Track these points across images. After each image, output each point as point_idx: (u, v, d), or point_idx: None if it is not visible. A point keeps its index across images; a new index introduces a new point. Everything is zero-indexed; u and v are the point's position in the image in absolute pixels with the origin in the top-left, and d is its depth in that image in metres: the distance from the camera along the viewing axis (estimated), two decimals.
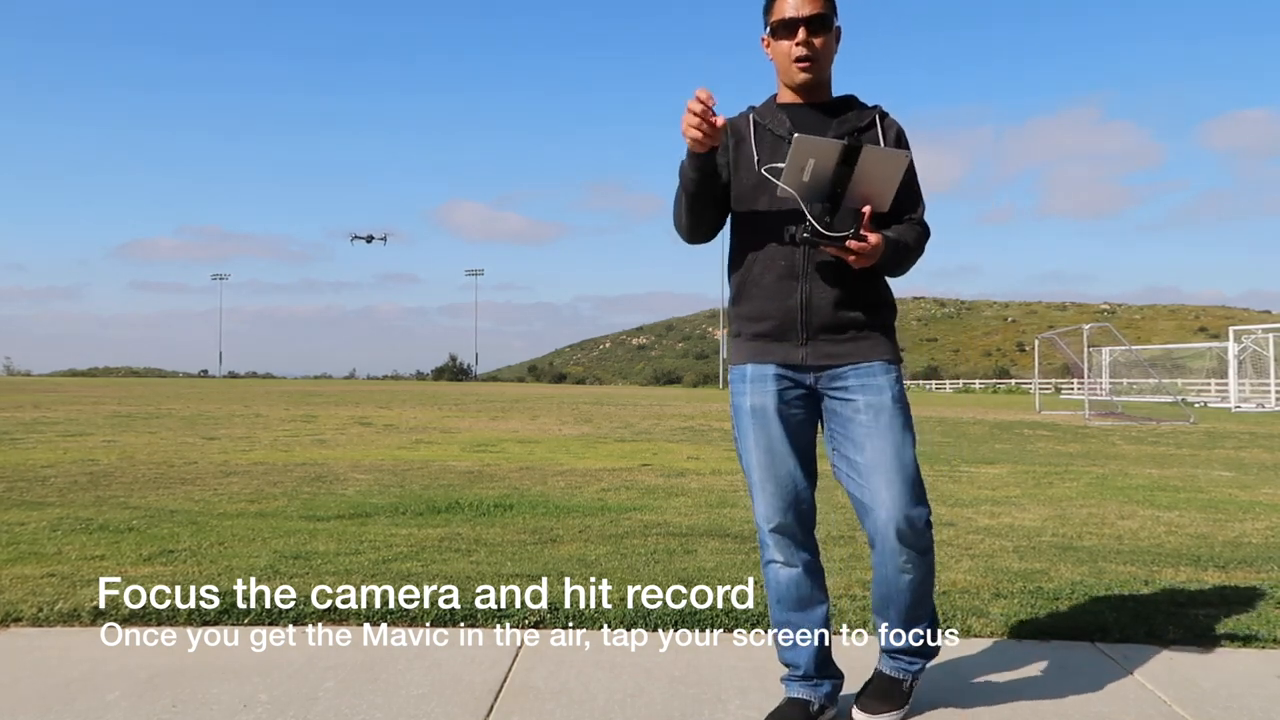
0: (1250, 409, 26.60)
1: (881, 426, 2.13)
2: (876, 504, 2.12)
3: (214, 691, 2.38)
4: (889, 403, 2.14)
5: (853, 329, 2.16)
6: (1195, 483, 7.45)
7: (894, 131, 2.22)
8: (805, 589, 2.25)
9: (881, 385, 2.15)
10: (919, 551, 2.13)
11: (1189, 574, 3.75)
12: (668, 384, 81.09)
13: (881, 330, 2.21)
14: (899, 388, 2.19)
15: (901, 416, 2.16)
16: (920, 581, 2.17)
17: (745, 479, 2.29)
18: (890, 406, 2.14)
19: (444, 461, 8.50)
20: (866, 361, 2.16)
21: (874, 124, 2.21)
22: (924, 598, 2.21)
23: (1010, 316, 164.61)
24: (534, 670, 2.57)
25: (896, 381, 2.19)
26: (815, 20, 2.14)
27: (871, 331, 2.19)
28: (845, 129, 2.17)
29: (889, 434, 2.12)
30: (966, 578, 3.57)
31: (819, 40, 2.16)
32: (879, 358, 2.17)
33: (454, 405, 22.61)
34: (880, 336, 2.20)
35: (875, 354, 2.17)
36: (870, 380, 2.15)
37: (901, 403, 2.17)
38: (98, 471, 7.29)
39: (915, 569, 2.14)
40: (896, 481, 2.10)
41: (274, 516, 5.10)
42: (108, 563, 3.75)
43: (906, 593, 2.17)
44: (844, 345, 2.16)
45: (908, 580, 2.15)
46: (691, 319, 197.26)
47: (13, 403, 20.18)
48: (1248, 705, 2.37)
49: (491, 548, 4.18)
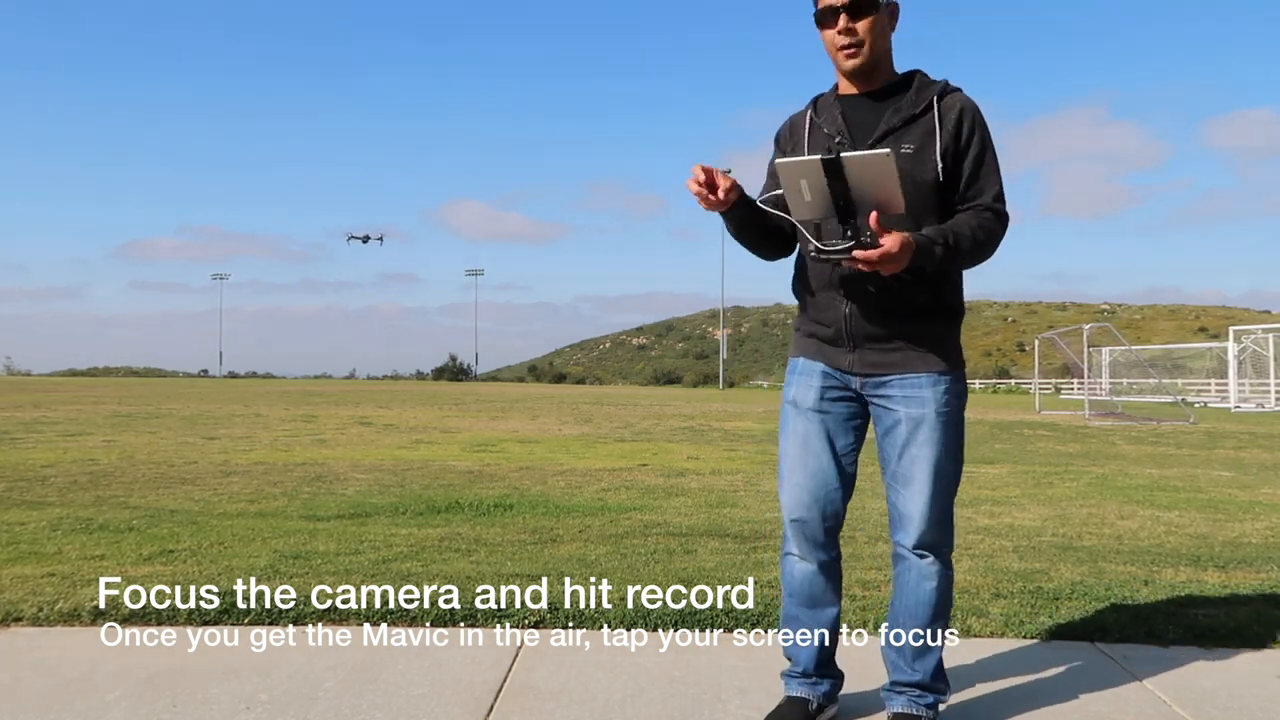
0: (1250, 409, 26.61)
1: (920, 440, 2.08)
2: (902, 517, 2.12)
3: (214, 691, 2.38)
4: (931, 416, 2.07)
5: (900, 339, 2.09)
6: (1195, 483, 7.45)
7: (955, 113, 2.06)
8: (818, 588, 2.22)
9: (925, 398, 2.07)
10: (939, 571, 2.12)
11: (1189, 574, 3.75)
12: (668, 384, 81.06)
13: (933, 339, 2.10)
14: (948, 400, 2.09)
15: (942, 431, 2.07)
16: (933, 601, 2.12)
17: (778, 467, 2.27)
18: (931, 420, 2.07)
19: (444, 461, 8.50)
20: (914, 373, 2.09)
21: (930, 107, 2.07)
22: (934, 620, 2.14)
23: (1010, 316, 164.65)
24: (534, 670, 2.57)
25: (946, 394, 2.09)
26: (854, 4, 2.04)
27: (922, 341, 2.09)
28: (900, 118, 2.07)
29: (926, 448, 2.07)
30: (966, 578, 3.57)
31: (862, 24, 2.06)
32: (927, 370, 2.08)
33: (454, 405, 22.61)
34: (931, 346, 2.09)
35: (924, 365, 2.09)
36: (915, 392, 2.08)
37: (946, 417, 2.08)
38: (98, 471, 7.29)
39: (936, 586, 2.12)
40: (921, 499, 2.08)
41: (274, 516, 5.10)
42: (108, 563, 3.75)
43: (921, 609, 2.13)
44: (891, 355, 2.10)
45: (925, 593, 2.13)
46: (691, 319, 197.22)
47: (13, 403, 20.18)
48: (1248, 705, 2.37)
49: (491, 548, 4.18)
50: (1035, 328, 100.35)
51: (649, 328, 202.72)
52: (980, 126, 2.08)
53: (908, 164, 2.02)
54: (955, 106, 2.07)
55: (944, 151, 2.04)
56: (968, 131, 2.06)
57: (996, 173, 2.09)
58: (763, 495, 6.29)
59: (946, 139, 2.05)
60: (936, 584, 2.12)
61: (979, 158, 2.07)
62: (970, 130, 2.06)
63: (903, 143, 2.05)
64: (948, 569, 2.15)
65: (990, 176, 2.08)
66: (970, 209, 2.06)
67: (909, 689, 2.18)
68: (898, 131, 2.07)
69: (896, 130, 2.07)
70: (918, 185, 2.03)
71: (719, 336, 75.01)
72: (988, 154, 2.08)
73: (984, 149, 2.07)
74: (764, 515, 5.31)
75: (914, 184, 2.01)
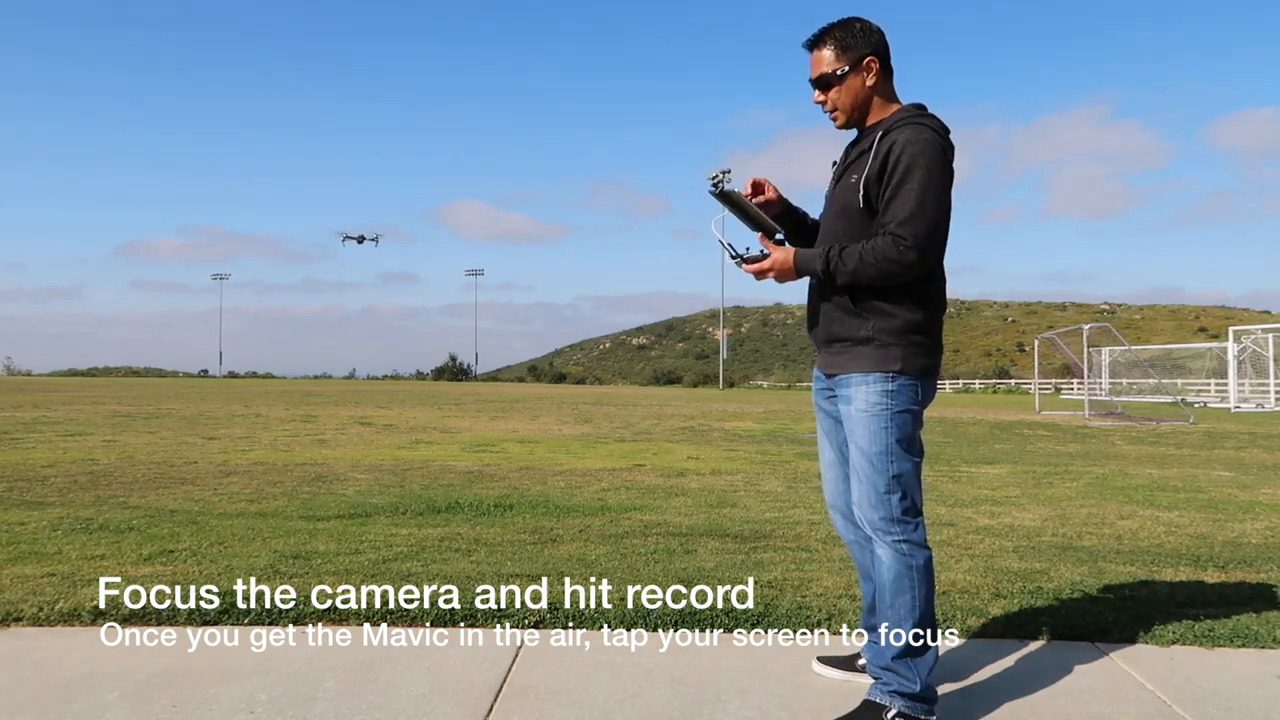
0: (1250, 409, 26.60)
1: (852, 434, 2.30)
2: (853, 501, 2.33)
3: (214, 692, 2.38)
4: (854, 413, 2.29)
5: (839, 342, 2.33)
6: (1195, 483, 7.45)
7: (888, 144, 2.22)
8: (863, 561, 2.48)
9: (853, 396, 2.29)
10: (887, 555, 2.24)
11: (1189, 574, 3.75)
12: (668, 384, 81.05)
13: (862, 343, 2.28)
14: (875, 400, 2.25)
15: (867, 427, 2.25)
16: (887, 586, 2.25)
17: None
18: (855, 416, 2.28)
19: (444, 461, 8.50)
20: (845, 373, 2.31)
21: (871, 147, 2.27)
22: (891, 607, 2.24)
23: (1010, 316, 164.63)
24: (534, 670, 2.57)
25: (873, 393, 2.25)
26: (817, 81, 2.35)
27: (858, 344, 2.29)
28: (856, 152, 2.34)
29: (856, 441, 2.28)
30: (966, 578, 3.57)
31: (831, 94, 2.34)
32: (858, 370, 2.28)
33: (454, 405, 22.61)
34: (865, 349, 2.27)
35: (854, 367, 2.29)
36: (845, 391, 2.32)
37: (871, 413, 2.25)
38: (98, 471, 7.29)
39: (885, 569, 2.25)
40: (855, 488, 2.30)
41: (274, 516, 5.10)
42: (108, 563, 3.75)
43: (883, 593, 2.27)
44: (834, 357, 2.36)
45: (883, 577, 2.26)
46: (691, 319, 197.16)
47: (13, 403, 20.18)
48: (1248, 705, 2.38)
49: (491, 548, 4.18)
50: (1035, 328, 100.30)
51: (649, 328, 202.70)
52: (909, 156, 2.18)
53: (844, 192, 2.32)
54: (891, 140, 2.23)
55: (867, 179, 2.24)
56: (894, 160, 2.20)
57: (913, 201, 2.16)
58: (763, 495, 6.29)
59: (873, 169, 2.23)
60: (888, 569, 2.25)
61: (897, 185, 2.20)
62: (899, 159, 2.19)
63: (851, 174, 2.32)
64: (899, 557, 2.24)
65: (901, 203, 2.17)
66: (877, 232, 2.22)
67: (880, 673, 2.27)
68: (852, 165, 2.34)
69: (852, 164, 2.34)
70: (846, 211, 2.30)
71: (719, 336, 75.03)
72: (907, 184, 2.17)
73: (905, 179, 2.17)
74: (764, 515, 5.31)
75: (844, 210, 2.31)
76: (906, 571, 2.23)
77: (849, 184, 2.30)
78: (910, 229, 2.15)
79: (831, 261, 2.24)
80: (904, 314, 2.26)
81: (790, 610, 3.05)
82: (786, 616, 2.99)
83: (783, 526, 4.90)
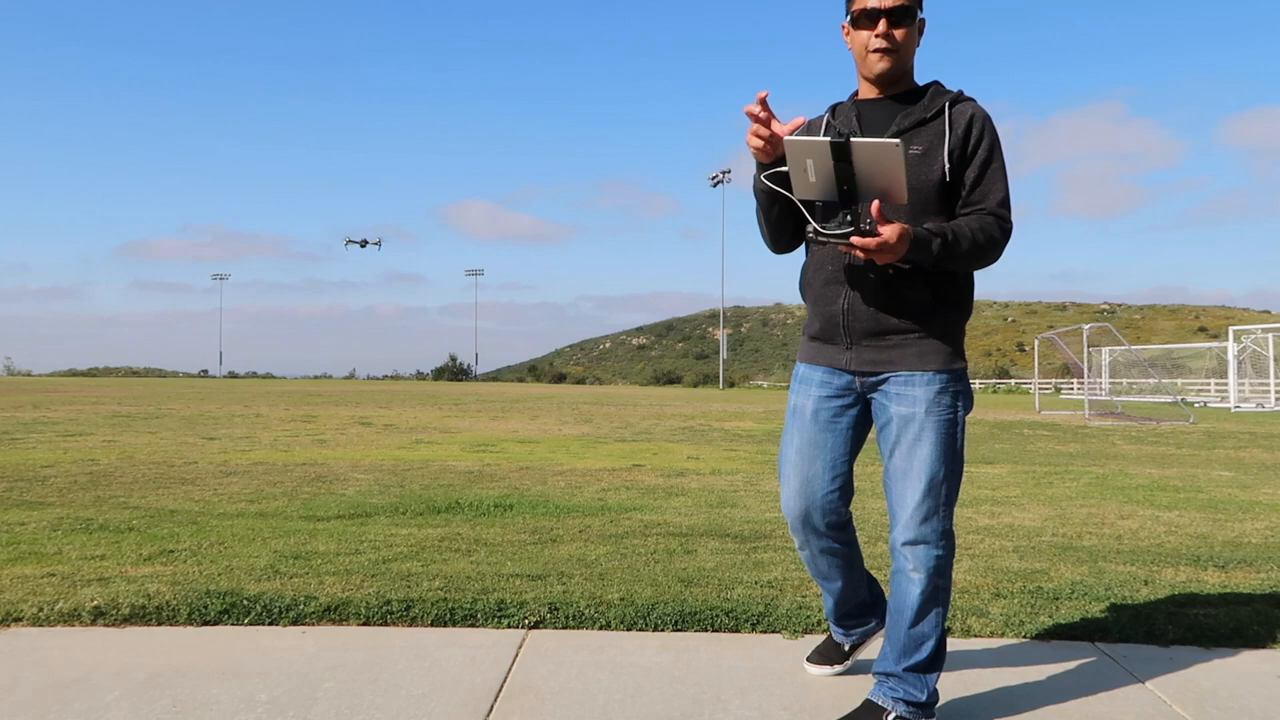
0: (1250, 409, 26.60)
1: (909, 439, 2.10)
2: (893, 514, 2.15)
3: (214, 692, 2.38)
4: (920, 415, 2.08)
5: (896, 334, 2.10)
6: (1195, 483, 7.45)
7: (964, 120, 2.09)
8: (823, 567, 2.38)
9: (917, 397, 2.09)
10: (926, 570, 2.09)
11: (1189, 574, 3.75)
12: (668, 384, 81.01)
13: (929, 337, 2.10)
14: (941, 400, 2.09)
15: (933, 431, 2.08)
16: (917, 603, 2.11)
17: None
18: (921, 419, 2.08)
19: (444, 461, 8.50)
20: (908, 371, 2.10)
21: (941, 112, 2.10)
22: (918, 620, 2.13)
23: (1010, 316, 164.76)
24: (534, 670, 2.57)
25: (940, 393, 2.09)
26: (898, 11, 2.08)
27: (920, 337, 2.10)
28: (910, 121, 2.11)
29: (916, 447, 2.09)
30: (966, 578, 3.57)
31: (900, 32, 2.10)
32: (922, 368, 2.09)
33: (454, 405, 22.60)
34: (928, 343, 2.10)
35: (919, 364, 2.09)
36: (907, 390, 2.10)
37: (939, 417, 2.08)
38: (98, 471, 7.29)
39: (920, 586, 2.10)
40: (907, 497, 2.10)
41: (274, 516, 5.10)
42: (108, 563, 3.75)
43: (907, 609, 2.13)
44: (886, 352, 2.12)
45: (914, 594, 2.11)
46: (691, 319, 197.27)
47: (13, 403, 20.18)
48: (1248, 705, 2.37)
49: (491, 548, 4.18)
50: (1035, 328, 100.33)
51: (649, 328, 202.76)
52: (990, 134, 2.11)
53: (914, 166, 2.06)
54: (966, 113, 2.12)
55: (951, 153, 2.07)
56: (976, 136, 2.09)
57: (1003, 180, 2.11)
58: (763, 495, 6.29)
59: (955, 142, 2.09)
60: (923, 586, 2.10)
61: (985, 162, 2.09)
62: (980, 136, 2.09)
63: (912, 144, 2.08)
64: (938, 571, 2.11)
65: (996, 182, 2.10)
66: (973, 212, 2.08)
67: (886, 678, 2.19)
68: (908, 133, 2.11)
69: (906, 132, 2.11)
70: (922, 187, 2.07)
71: (719, 336, 75.01)
72: (994, 160, 2.10)
73: (991, 155, 2.10)
74: (764, 515, 5.31)
75: (918, 186, 2.06)
76: (943, 586, 2.13)
77: (914, 155, 2.06)
78: (1008, 211, 2.08)
79: (948, 243, 1.99)
80: (967, 308, 2.14)
81: (790, 610, 3.05)
82: (786, 616, 3.00)
83: (783, 526, 4.89)
